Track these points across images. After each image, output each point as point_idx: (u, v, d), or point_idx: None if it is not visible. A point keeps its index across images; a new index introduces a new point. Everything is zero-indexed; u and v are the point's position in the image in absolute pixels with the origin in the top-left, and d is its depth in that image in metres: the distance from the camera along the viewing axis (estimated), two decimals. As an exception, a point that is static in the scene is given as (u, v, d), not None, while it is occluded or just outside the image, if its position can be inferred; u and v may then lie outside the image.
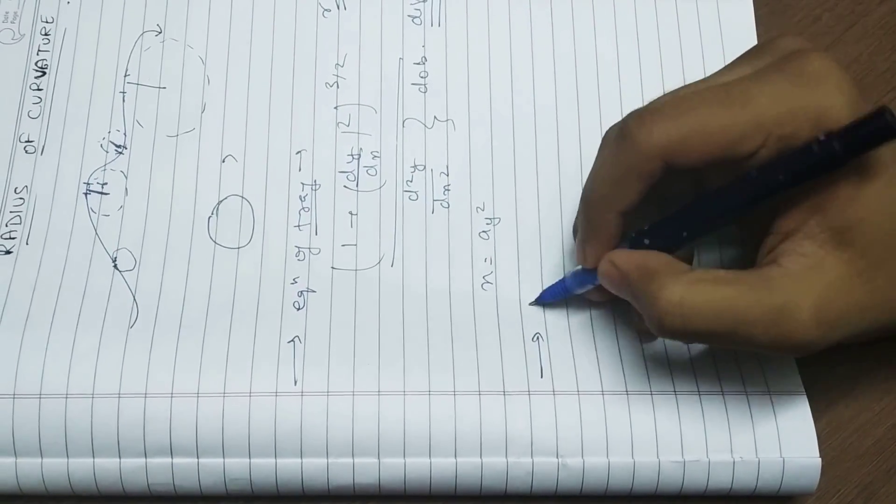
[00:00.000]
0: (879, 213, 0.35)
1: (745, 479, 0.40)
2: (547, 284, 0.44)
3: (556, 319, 0.43)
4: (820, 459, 0.40)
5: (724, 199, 0.36)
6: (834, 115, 0.34)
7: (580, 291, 0.42)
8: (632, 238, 0.39)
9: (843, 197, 0.35)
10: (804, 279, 0.35)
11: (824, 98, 0.34)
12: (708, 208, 0.37)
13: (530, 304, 0.44)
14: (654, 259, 0.37)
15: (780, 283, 0.35)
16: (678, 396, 0.41)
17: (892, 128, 0.32)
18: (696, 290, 0.35)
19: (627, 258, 0.38)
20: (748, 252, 0.39)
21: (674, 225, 0.38)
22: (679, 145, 0.35)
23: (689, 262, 0.41)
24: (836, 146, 0.33)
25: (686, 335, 0.36)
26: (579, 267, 0.41)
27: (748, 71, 0.37)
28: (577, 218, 0.42)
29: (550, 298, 0.43)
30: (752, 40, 0.48)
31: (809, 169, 0.34)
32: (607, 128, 0.39)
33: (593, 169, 0.39)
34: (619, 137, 0.37)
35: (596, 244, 0.39)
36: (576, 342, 0.42)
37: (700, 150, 0.35)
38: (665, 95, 0.37)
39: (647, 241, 0.38)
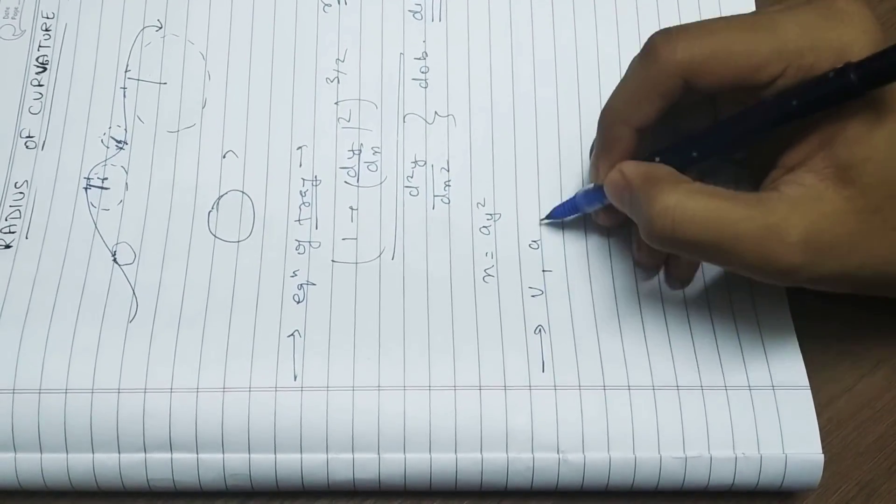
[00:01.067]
0: (886, 154, 0.35)
1: (747, 474, 0.40)
2: (549, 280, 0.44)
3: (559, 311, 0.43)
4: (823, 456, 0.40)
5: (736, 123, 0.37)
6: (856, 51, 0.34)
7: (589, 209, 0.43)
8: (644, 158, 0.39)
9: (852, 134, 0.35)
10: (799, 205, 0.35)
11: (848, 34, 0.34)
12: (720, 132, 0.38)
13: (542, 220, 0.44)
14: (660, 169, 0.38)
15: (774, 204, 0.35)
16: (680, 391, 0.41)
17: None
18: (692, 198, 0.35)
19: (635, 167, 0.38)
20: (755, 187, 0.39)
21: (685, 146, 0.39)
22: (701, 65, 0.35)
23: None
24: (852, 76, 0.33)
25: (674, 242, 0.36)
26: (591, 186, 0.42)
27: (781, 8, 0.37)
28: (594, 139, 0.42)
29: (561, 215, 0.44)
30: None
31: (823, 97, 0.34)
32: None
33: (616, 87, 0.40)
34: (644, 53, 0.37)
35: (608, 160, 0.40)
36: (578, 335, 0.42)
37: (721, 71, 0.35)
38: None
39: (657, 160, 0.39)
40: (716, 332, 0.42)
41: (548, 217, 0.44)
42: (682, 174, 0.38)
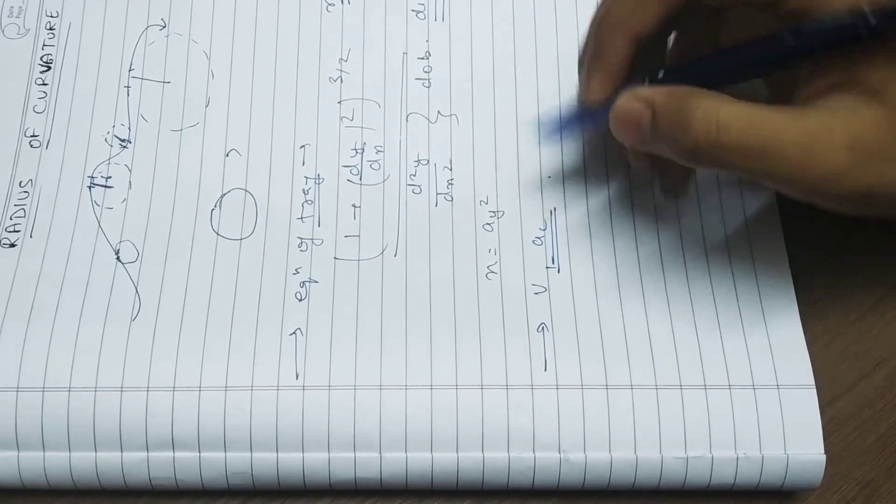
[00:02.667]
0: None
1: (748, 475, 0.40)
2: (552, 277, 0.44)
3: (562, 309, 0.43)
4: (824, 456, 0.40)
5: (755, 49, 0.35)
6: None
7: (573, 129, 0.40)
8: (647, 81, 0.37)
9: (878, 60, 0.34)
10: (840, 114, 0.34)
11: None
12: (737, 58, 0.36)
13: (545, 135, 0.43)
14: (680, 87, 0.35)
15: (816, 112, 0.34)
16: (683, 391, 0.41)
17: None
18: (734, 105, 0.34)
19: (649, 91, 0.36)
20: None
21: (696, 71, 0.36)
22: None
23: None
24: (871, 20, 0.33)
25: (719, 148, 0.34)
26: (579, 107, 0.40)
27: None
28: (582, 50, 0.39)
29: (553, 130, 0.42)
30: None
31: (848, 38, 0.33)
32: None
33: None
34: None
35: (604, 74, 0.37)
36: (581, 334, 0.42)
37: None
38: None
39: (660, 76, 0.37)
40: (721, 330, 0.42)
41: (539, 128, 0.42)
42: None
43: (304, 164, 0.46)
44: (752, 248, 0.44)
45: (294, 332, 0.42)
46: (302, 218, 0.45)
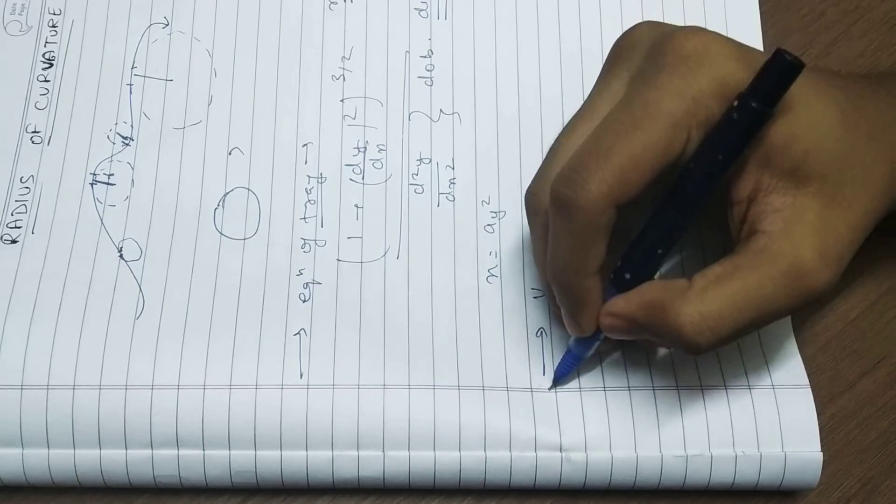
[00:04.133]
0: (816, 137, 0.35)
1: (747, 473, 0.40)
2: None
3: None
4: (822, 455, 0.40)
5: (678, 202, 0.36)
6: (734, 81, 0.34)
7: (591, 353, 0.41)
8: (612, 281, 0.38)
9: (779, 142, 0.35)
10: (792, 232, 0.35)
11: (717, 72, 0.34)
12: (668, 218, 0.36)
13: (549, 389, 0.42)
14: (651, 291, 0.36)
15: (774, 248, 0.35)
16: (680, 391, 0.41)
17: (794, 64, 0.32)
18: (709, 299, 0.35)
19: (624, 304, 0.37)
20: (725, 230, 0.39)
21: (643, 247, 0.37)
22: (620, 185, 0.34)
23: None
24: (754, 105, 0.33)
25: (721, 342, 0.35)
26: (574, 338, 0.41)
27: (626, 78, 0.37)
28: (555, 295, 0.39)
29: (567, 371, 0.42)
30: (756, 36, 0.48)
31: (741, 136, 0.34)
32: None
33: (549, 247, 0.38)
34: (559, 209, 0.35)
35: (586, 311, 0.38)
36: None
37: (639, 177, 0.34)
38: (569, 155, 0.36)
39: (627, 276, 0.37)
40: None
41: (555, 384, 0.42)
42: (665, 277, 0.37)
43: (306, 162, 0.46)
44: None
45: (298, 333, 0.42)
46: (305, 218, 0.45)
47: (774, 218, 0.35)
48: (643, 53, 0.37)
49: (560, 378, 0.42)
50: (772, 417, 0.41)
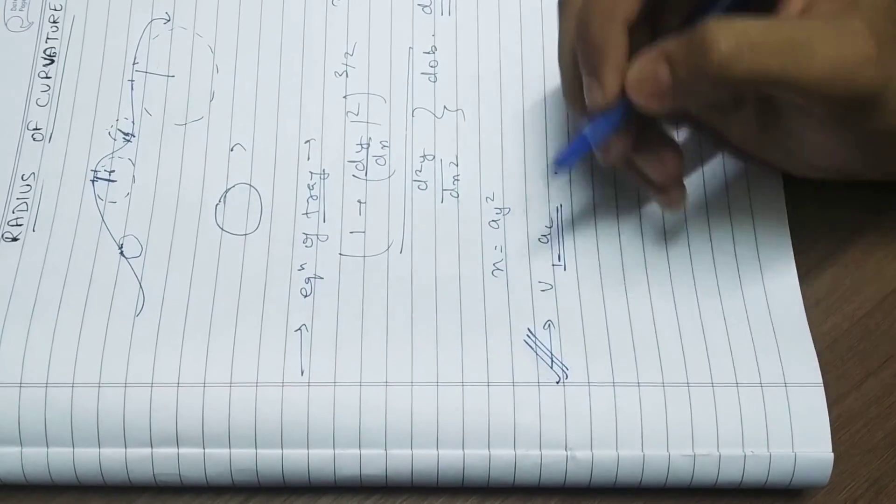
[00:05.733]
0: None
1: (755, 473, 0.40)
2: (558, 275, 0.44)
3: (568, 306, 0.43)
4: (832, 454, 0.40)
5: None
6: None
7: (602, 138, 0.39)
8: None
9: None
10: (847, 8, 0.34)
11: None
12: None
13: (555, 170, 0.42)
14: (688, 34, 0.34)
15: (825, 8, 0.34)
16: (691, 388, 0.41)
17: None
18: (747, 17, 0.33)
19: (657, 52, 0.35)
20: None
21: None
22: None
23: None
24: None
25: (745, 57, 0.33)
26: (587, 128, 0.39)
27: None
28: (562, 81, 0.39)
29: (574, 155, 0.40)
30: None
31: None
32: None
33: (571, 10, 0.37)
34: None
35: (610, 69, 0.36)
36: (588, 331, 0.42)
37: None
38: None
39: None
40: (728, 327, 0.42)
41: (558, 164, 0.41)
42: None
43: (309, 159, 0.46)
44: (757, 244, 0.44)
45: (299, 329, 0.42)
46: (307, 213, 0.44)
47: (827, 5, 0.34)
48: None
49: (564, 160, 0.41)
50: (783, 416, 0.40)
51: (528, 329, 0.42)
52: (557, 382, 0.41)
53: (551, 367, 0.41)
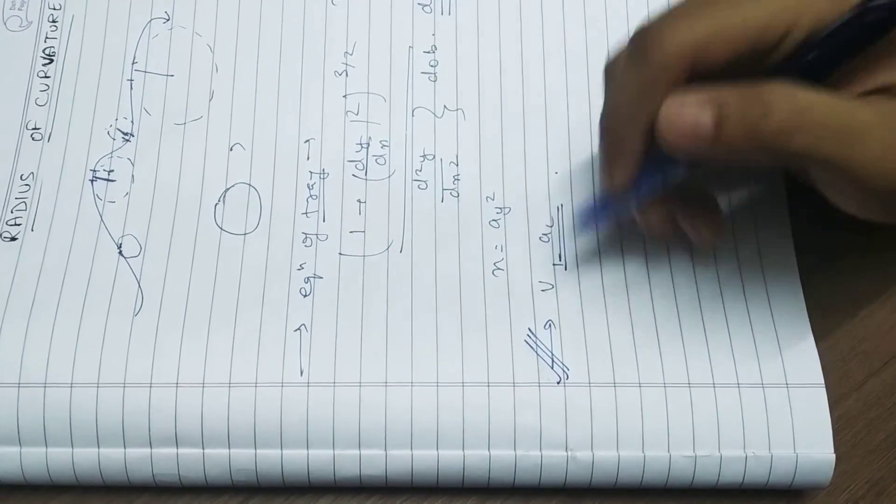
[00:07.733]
0: None
1: (757, 473, 0.40)
2: (559, 274, 0.43)
3: (569, 306, 0.43)
4: (834, 455, 0.40)
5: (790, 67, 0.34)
6: None
7: (604, 218, 0.40)
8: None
9: None
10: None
11: None
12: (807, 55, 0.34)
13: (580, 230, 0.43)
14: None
15: (880, 104, 0.33)
16: (692, 389, 0.41)
17: None
18: (808, 89, 0.32)
19: (708, 91, 0.33)
20: None
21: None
22: (701, 46, 0.33)
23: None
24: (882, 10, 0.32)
25: (805, 129, 0.32)
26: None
27: None
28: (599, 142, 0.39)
29: (588, 219, 0.42)
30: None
31: (860, 38, 0.33)
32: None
33: (609, 93, 0.37)
34: (636, 49, 0.34)
35: (623, 162, 0.36)
36: (589, 331, 0.42)
37: (723, 48, 0.33)
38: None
39: None
40: (729, 327, 0.42)
41: (577, 226, 0.42)
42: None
43: (308, 158, 0.46)
44: (760, 245, 0.44)
45: (298, 329, 0.42)
46: (306, 213, 0.44)
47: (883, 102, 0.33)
48: None
49: (579, 219, 0.42)
50: (784, 417, 0.40)
51: (529, 329, 0.42)
52: (558, 382, 0.41)
53: (552, 367, 0.41)
